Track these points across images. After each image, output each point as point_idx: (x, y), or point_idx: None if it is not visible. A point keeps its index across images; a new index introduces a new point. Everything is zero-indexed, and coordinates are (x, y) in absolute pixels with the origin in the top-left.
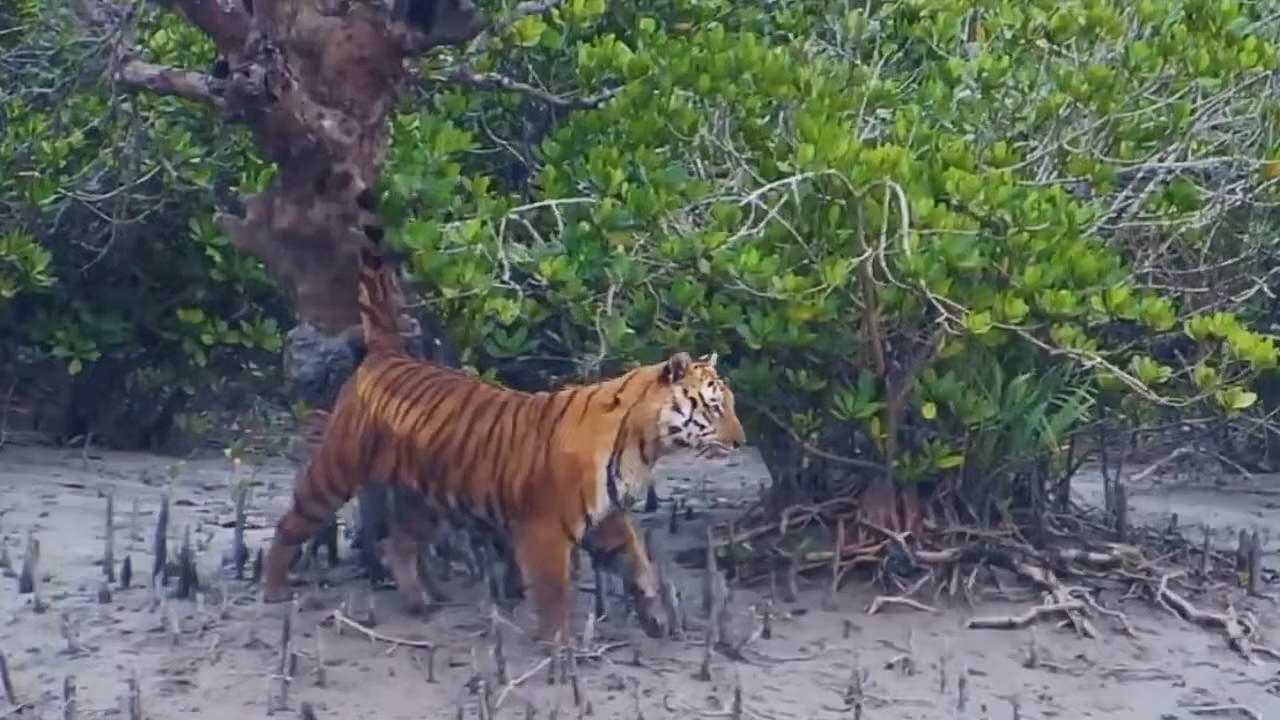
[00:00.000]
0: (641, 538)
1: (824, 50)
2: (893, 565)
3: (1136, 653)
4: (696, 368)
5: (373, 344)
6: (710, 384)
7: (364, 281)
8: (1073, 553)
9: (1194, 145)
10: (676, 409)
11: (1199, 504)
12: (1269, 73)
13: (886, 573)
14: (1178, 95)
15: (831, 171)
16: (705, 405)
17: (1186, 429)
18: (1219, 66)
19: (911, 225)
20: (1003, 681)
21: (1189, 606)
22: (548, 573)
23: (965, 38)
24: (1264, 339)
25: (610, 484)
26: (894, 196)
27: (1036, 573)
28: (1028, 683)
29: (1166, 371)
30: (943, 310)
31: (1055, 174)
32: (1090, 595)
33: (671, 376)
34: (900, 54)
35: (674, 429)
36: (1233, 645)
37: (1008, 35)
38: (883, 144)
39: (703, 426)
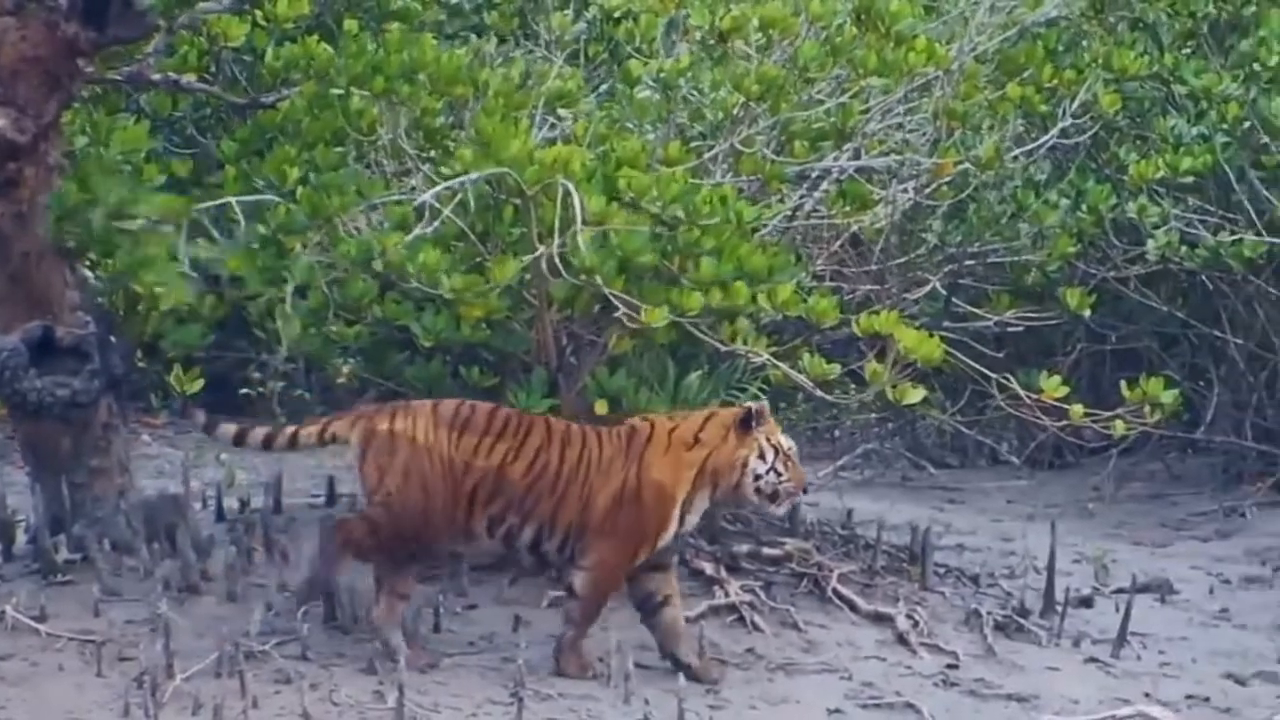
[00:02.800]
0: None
1: (530, 51)
2: None
3: (805, 646)
4: (769, 416)
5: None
6: (782, 432)
7: None
8: (745, 548)
9: (869, 144)
10: (761, 457)
11: (883, 499)
12: (940, 72)
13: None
14: (849, 95)
15: (504, 170)
16: (784, 453)
17: (875, 426)
18: (887, 67)
19: (585, 223)
20: (670, 675)
21: (859, 601)
22: (604, 593)
23: (675, 39)
24: (930, 336)
25: (680, 520)
26: (567, 195)
27: (709, 567)
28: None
29: (836, 368)
30: (619, 305)
31: (730, 173)
32: (761, 590)
33: (755, 424)
34: (606, 54)
35: (758, 476)
36: (901, 639)
37: (697, 37)
38: (563, 143)
39: (780, 475)
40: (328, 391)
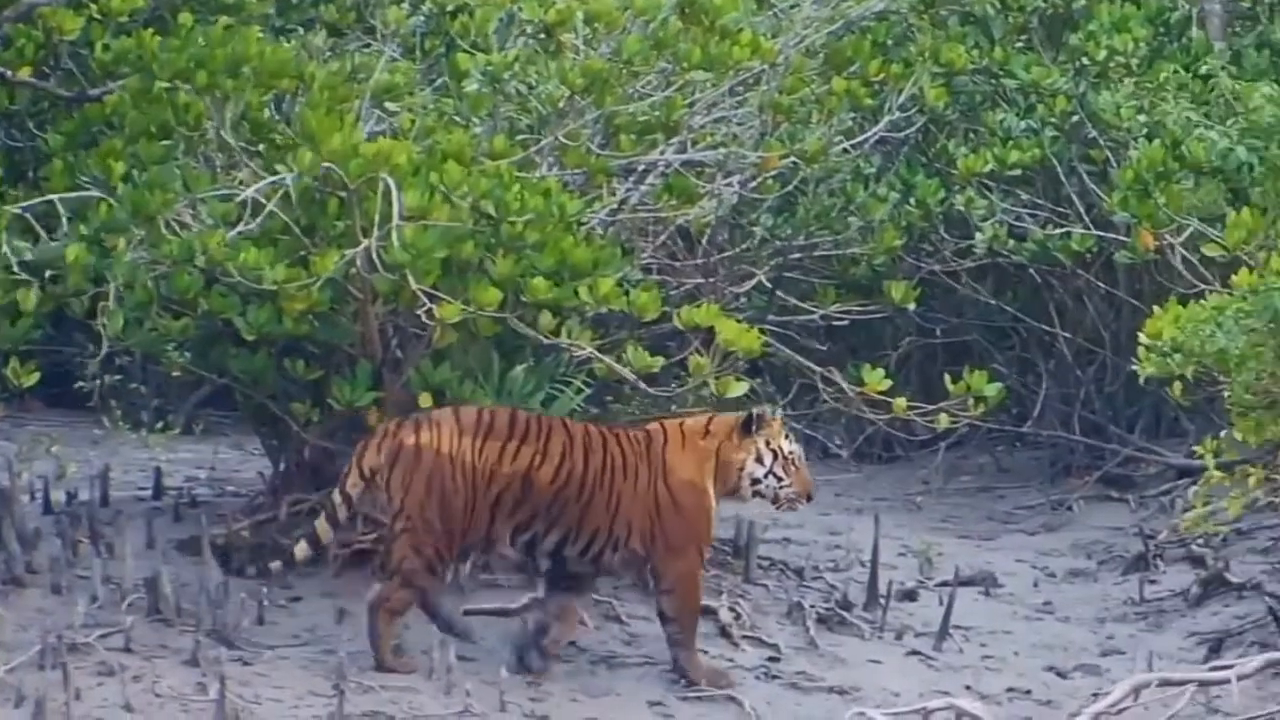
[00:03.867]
0: None
1: (368, 45)
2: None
3: (628, 639)
4: (773, 420)
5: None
6: (787, 437)
7: None
8: None
9: (700, 137)
10: (759, 460)
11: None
12: (766, 66)
13: (383, 560)
14: (674, 89)
15: (328, 165)
16: (785, 458)
17: None
18: (712, 61)
19: (403, 217)
20: (492, 668)
21: None
22: (693, 605)
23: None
24: (750, 329)
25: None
26: (388, 189)
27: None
28: (518, 669)
29: (660, 361)
30: (425, 300)
31: (556, 167)
32: None
33: (754, 428)
34: (443, 48)
35: (755, 480)
36: (724, 632)
37: (529, 31)
38: (391, 137)
39: (780, 480)
40: (163, 385)
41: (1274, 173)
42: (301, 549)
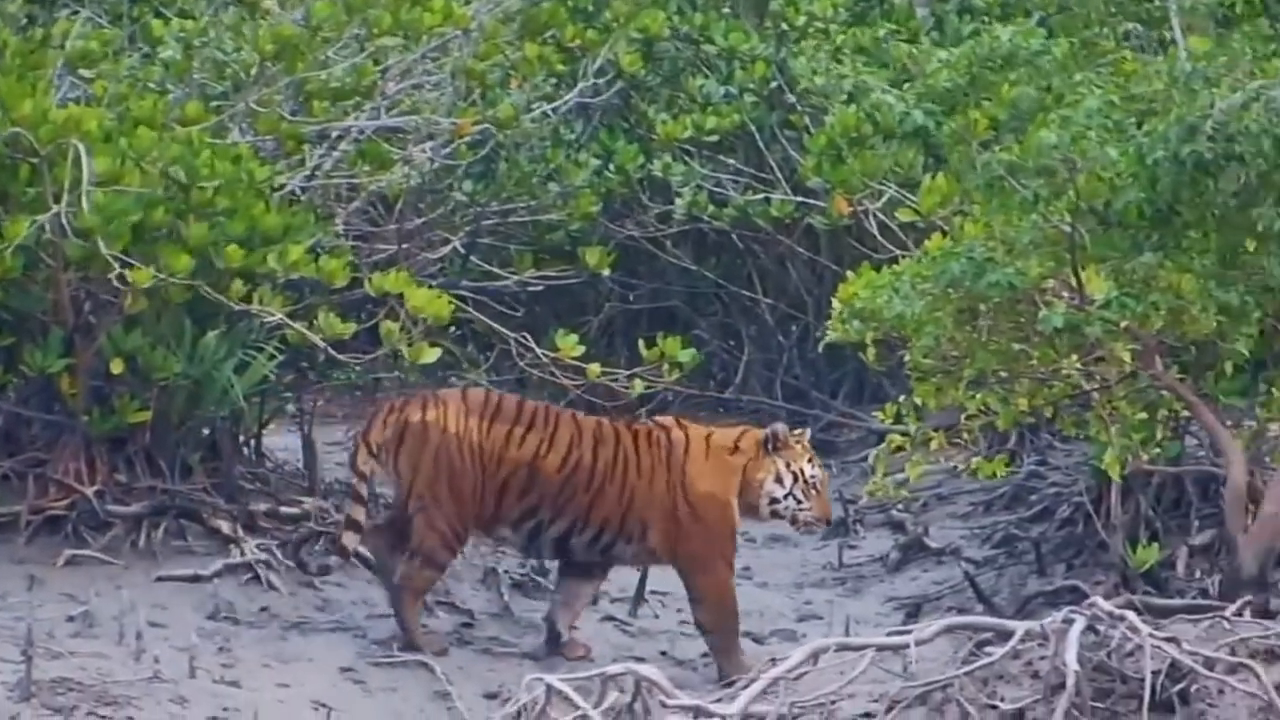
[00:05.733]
0: None
1: (75, 12)
2: (83, 519)
3: (320, 605)
4: (796, 442)
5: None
6: (810, 460)
7: None
8: (263, 506)
9: (395, 104)
10: (779, 481)
11: None
12: (459, 32)
13: (75, 526)
14: (366, 55)
15: (18, 130)
16: (805, 482)
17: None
18: (403, 26)
19: (94, 183)
20: (183, 634)
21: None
22: (729, 614)
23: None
24: (440, 295)
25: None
26: (79, 155)
27: (226, 526)
28: (208, 635)
29: (351, 327)
30: (116, 266)
31: (250, 133)
32: (278, 549)
33: (770, 447)
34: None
35: (774, 500)
36: None
37: None
38: (85, 104)
39: (800, 502)
40: None
41: (955, 138)
42: (349, 538)
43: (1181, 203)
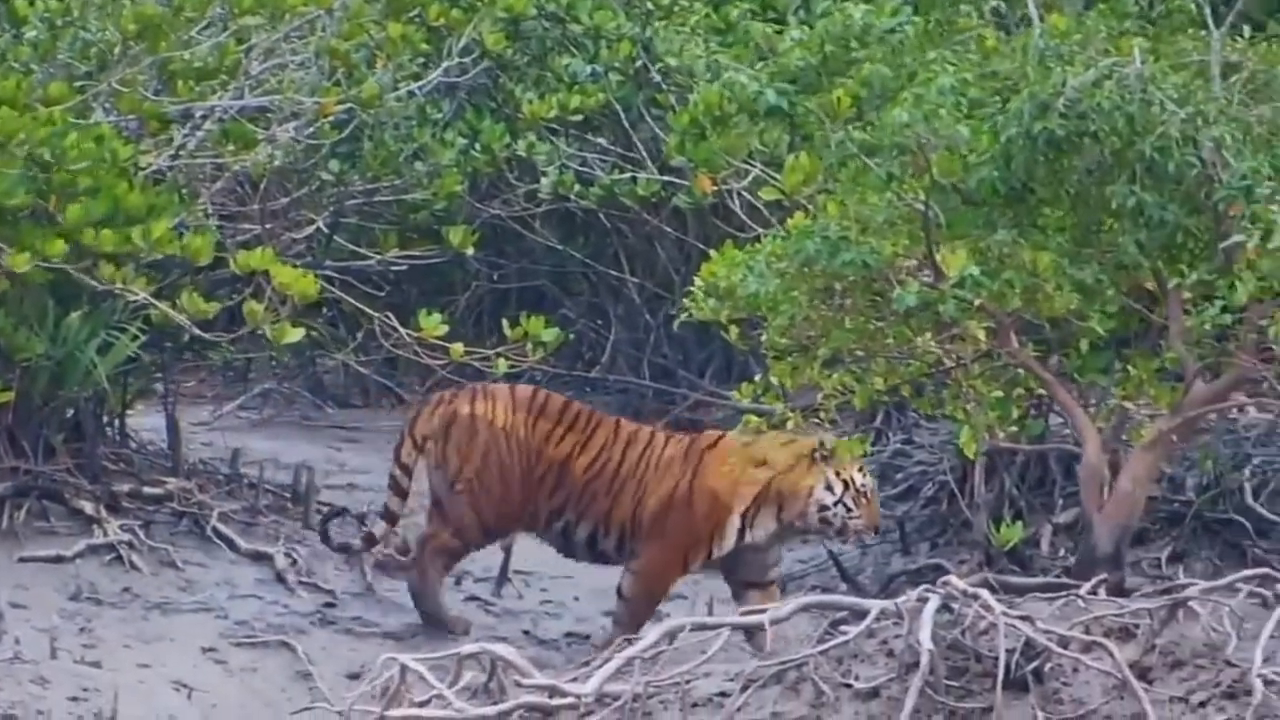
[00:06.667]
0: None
1: None
2: None
3: (183, 585)
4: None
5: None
6: (860, 469)
7: None
8: (126, 487)
9: (258, 84)
10: (829, 489)
11: (280, 439)
12: (322, 12)
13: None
14: (228, 35)
15: None
16: (856, 490)
17: (276, 365)
18: (265, 5)
19: None
20: (44, 615)
21: (239, 540)
22: (652, 595)
23: None
24: (307, 274)
25: (740, 531)
26: None
27: (88, 506)
28: (70, 616)
29: (215, 307)
30: None
31: (113, 113)
32: (141, 529)
33: (820, 456)
34: None
35: (823, 508)
36: (279, 578)
37: None
38: None
39: (849, 510)
40: None
41: (816, 117)
42: (380, 528)
43: (1036, 180)
